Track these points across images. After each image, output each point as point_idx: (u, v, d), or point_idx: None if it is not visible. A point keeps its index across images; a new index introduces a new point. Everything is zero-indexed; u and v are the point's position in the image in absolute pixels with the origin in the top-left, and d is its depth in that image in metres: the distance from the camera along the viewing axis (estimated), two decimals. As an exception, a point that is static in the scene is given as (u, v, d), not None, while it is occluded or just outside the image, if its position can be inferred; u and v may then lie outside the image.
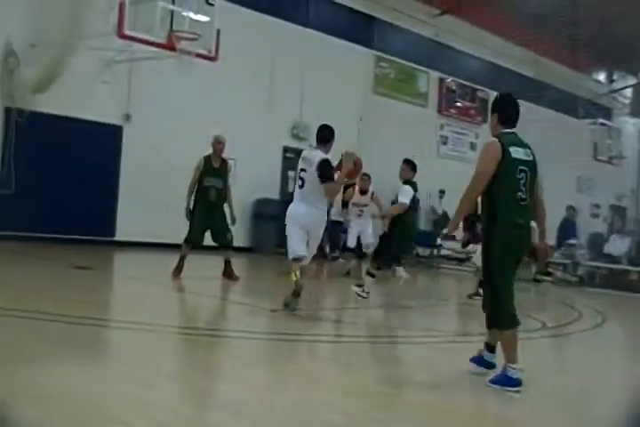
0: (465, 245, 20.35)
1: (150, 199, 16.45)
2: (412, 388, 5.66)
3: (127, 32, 13.62)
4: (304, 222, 8.65)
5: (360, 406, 4.86)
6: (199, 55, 14.33)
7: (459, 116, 26.21)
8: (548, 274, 18.25)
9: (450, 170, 23.48)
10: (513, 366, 5.51)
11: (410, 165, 11.21)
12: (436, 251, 21.56)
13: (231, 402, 4.60)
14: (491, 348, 5.97)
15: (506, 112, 5.86)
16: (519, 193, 5.56)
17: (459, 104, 26.15)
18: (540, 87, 24.73)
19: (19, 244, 13.74)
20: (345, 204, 14.50)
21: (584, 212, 26.64)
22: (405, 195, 10.92)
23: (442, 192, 22.80)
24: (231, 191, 12.04)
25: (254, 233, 19.26)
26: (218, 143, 11.73)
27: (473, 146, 26.26)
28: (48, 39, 14.83)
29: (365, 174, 13.12)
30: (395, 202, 12.27)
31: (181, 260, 11.49)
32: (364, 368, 6.30)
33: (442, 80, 25.48)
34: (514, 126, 5.83)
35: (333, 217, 16.59)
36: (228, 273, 11.86)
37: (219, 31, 14.62)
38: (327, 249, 17.18)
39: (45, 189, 14.72)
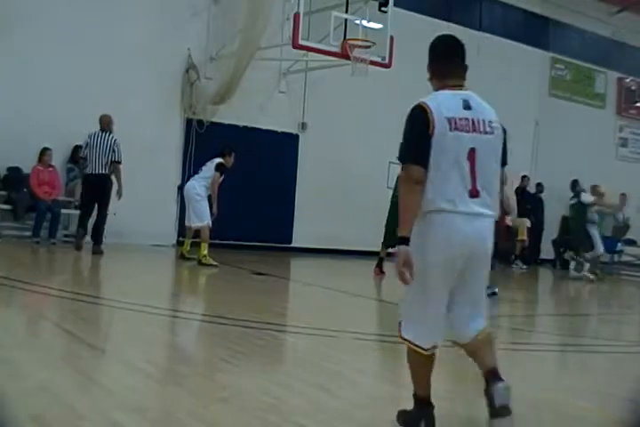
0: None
1: (326, 207, 16.67)
2: (597, 399, 5.46)
3: (302, 42, 13.86)
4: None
5: (539, 418, 4.72)
6: (373, 62, 14.41)
7: (639, 117, 25.17)
8: None
9: (631, 173, 22.65)
10: None
11: None
12: (616, 257, 20.82)
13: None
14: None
15: None
16: None
17: (639, 104, 25.11)
18: None
19: (191, 250, 14.11)
20: None
21: None
22: None
23: (622, 196, 21.93)
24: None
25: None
26: None
27: (657, 148, 25.22)
28: (227, 52, 15.34)
29: None
30: None
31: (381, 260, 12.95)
32: (543, 377, 6.13)
33: (620, 80, 24.54)
34: None
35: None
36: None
37: (392, 38, 14.66)
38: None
39: (224, 197, 15.11)
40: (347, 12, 14.58)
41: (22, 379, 4.35)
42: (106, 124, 12.87)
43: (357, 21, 14.53)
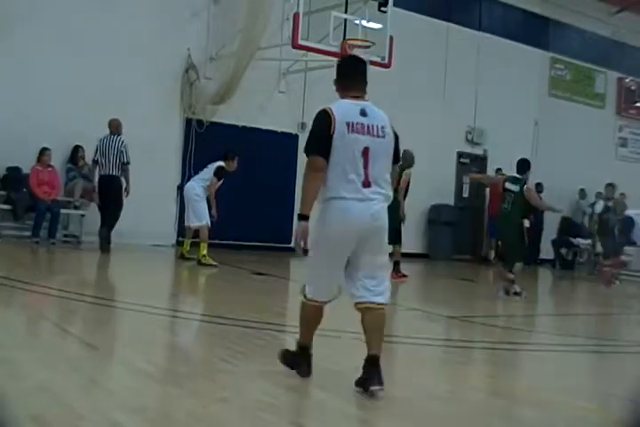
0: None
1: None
2: (597, 399, 5.46)
3: (301, 42, 13.84)
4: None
5: (538, 417, 4.71)
6: (372, 62, 14.35)
7: (639, 117, 25.15)
8: None
9: (631, 173, 22.63)
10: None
11: None
12: (616, 257, 20.80)
13: (406, 409, 4.57)
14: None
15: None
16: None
17: (639, 104, 25.09)
18: None
19: (191, 250, 14.05)
20: None
21: None
22: None
23: (622, 195, 21.91)
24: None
25: (429, 239, 19.19)
26: None
27: (656, 148, 25.19)
28: (227, 52, 15.33)
29: None
30: None
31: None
32: (543, 377, 6.13)
33: (620, 80, 24.54)
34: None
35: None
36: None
37: (392, 38, 14.64)
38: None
39: (223, 198, 15.16)
40: (346, 12, 14.56)
41: (22, 379, 4.35)
42: (115, 127, 13.35)
43: (357, 21, 14.51)
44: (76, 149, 14.23)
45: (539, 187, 20.49)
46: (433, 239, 19.17)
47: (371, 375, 4.61)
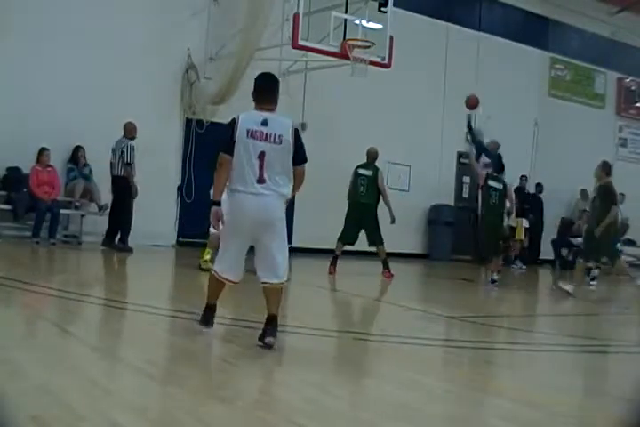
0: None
1: (325, 207, 16.59)
2: (597, 399, 5.46)
3: (301, 42, 13.85)
4: None
5: (538, 417, 4.71)
6: (372, 63, 14.40)
7: (639, 117, 25.14)
8: None
9: (630, 173, 22.63)
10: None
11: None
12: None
13: (406, 410, 4.57)
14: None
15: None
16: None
17: (639, 104, 25.07)
18: None
19: (191, 250, 13.98)
20: None
21: None
22: None
23: (621, 195, 21.87)
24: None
25: (430, 239, 19.19)
26: None
27: (656, 148, 25.19)
28: (226, 52, 15.34)
29: None
30: None
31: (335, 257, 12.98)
32: (543, 377, 6.12)
33: (620, 80, 24.54)
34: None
35: None
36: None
37: (392, 38, 14.65)
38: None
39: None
40: (346, 12, 14.57)
41: (22, 379, 4.35)
42: (128, 131, 13.71)
43: (357, 21, 14.53)
44: (77, 149, 14.24)
45: (538, 187, 20.52)
46: (433, 239, 19.18)
47: (268, 330, 5.74)
